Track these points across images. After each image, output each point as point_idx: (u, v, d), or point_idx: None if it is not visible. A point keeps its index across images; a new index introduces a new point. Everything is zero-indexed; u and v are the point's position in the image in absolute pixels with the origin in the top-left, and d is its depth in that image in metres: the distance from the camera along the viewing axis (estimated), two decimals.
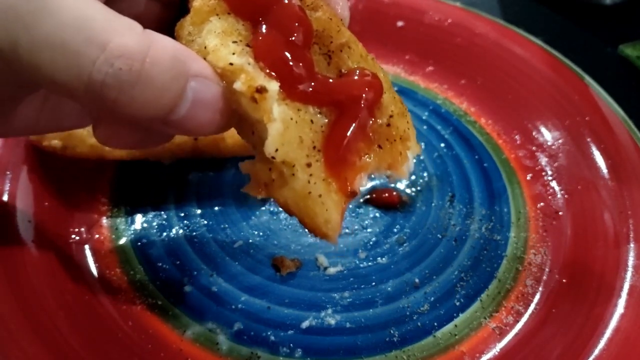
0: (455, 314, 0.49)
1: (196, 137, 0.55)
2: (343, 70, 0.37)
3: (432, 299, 0.50)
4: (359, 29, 0.72)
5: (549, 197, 0.58)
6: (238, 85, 0.31)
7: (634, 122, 0.61)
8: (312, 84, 0.34)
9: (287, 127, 0.32)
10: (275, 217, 0.56)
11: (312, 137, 0.33)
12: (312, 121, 0.34)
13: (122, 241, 0.53)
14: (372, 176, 0.37)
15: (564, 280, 0.51)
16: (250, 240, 0.54)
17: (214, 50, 0.33)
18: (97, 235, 0.52)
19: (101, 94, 0.29)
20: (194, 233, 0.54)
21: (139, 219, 0.55)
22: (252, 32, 0.34)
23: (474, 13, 0.74)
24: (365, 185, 0.36)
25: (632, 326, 0.46)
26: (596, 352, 0.45)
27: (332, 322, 0.48)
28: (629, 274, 0.49)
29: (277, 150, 0.32)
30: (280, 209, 0.38)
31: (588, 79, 0.66)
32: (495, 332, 0.48)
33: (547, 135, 0.63)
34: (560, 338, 0.46)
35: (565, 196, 0.58)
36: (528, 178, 0.60)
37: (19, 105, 0.38)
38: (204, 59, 0.33)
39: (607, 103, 0.63)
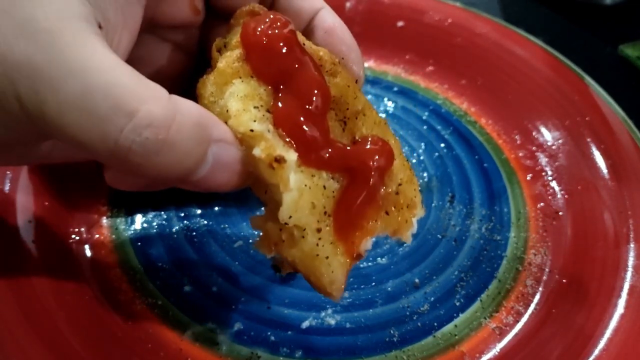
0: (455, 314, 0.49)
1: None
2: (357, 137, 0.38)
3: (432, 299, 0.50)
4: (359, 30, 0.73)
5: (549, 197, 0.58)
6: (257, 152, 0.32)
7: (634, 122, 0.61)
8: (328, 150, 0.35)
9: (301, 195, 0.33)
10: None
11: (323, 203, 0.34)
12: (324, 187, 0.35)
13: (122, 241, 0.53)
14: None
15: (564, 280, 0.51)
16: (250, 240, 0.54)
17: (236, 115, 0.33)
18: (97, 235, 0.52)
19: (126, 159, 0.29)
20: (194, 233, 0.54)
21: (139, 219, 0.55)
22: (273, 97, 0.35)
23: (474, 13, 0.74)
24: (370, 247, 0.37)
25: (632, 326, 0.46)
26: (596, 352, 0.45)
27: (332, 322, 0.48)
28: (629, 274, 0.49)
29: (290, 217, 0.33)
30: None
31: (588, 79, 0.66)
32: (495, 332, 0.48)
33: (547, 135, 0.63)
34: (560, 338, 0.46)
35: (565, 196, 0.58)
36: (528, 178, 0.60)
37: (34, 146, 0.39)
38: (226, 122, 0.33)
39: (607, 103, 0.63)
